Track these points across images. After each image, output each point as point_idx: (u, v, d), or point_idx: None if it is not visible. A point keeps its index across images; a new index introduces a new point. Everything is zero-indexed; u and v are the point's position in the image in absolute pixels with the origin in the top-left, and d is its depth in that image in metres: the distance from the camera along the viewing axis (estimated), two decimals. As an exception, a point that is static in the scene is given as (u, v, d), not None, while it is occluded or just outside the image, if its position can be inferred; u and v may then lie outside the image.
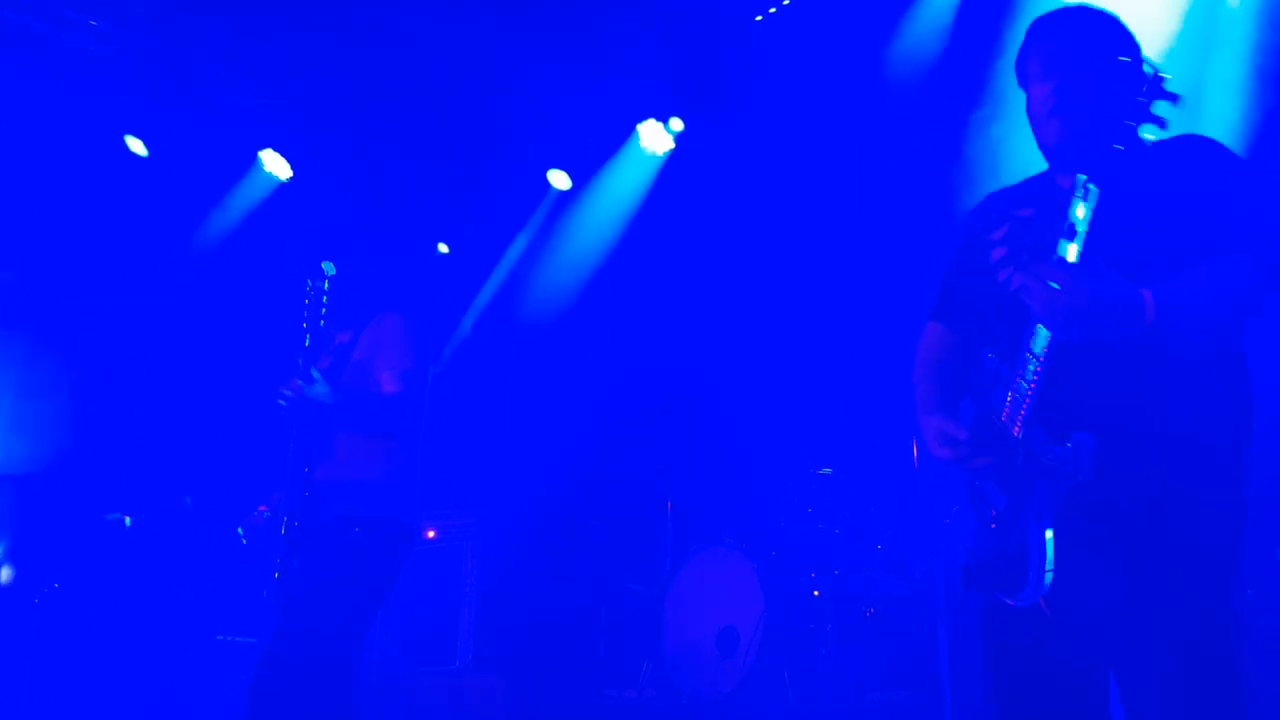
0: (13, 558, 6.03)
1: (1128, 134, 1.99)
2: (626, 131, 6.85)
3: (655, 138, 6.78)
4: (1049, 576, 2.02)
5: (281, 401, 3.47)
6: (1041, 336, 2.00)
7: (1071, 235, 1.94)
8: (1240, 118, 4.75)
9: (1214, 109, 4.84)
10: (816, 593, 5.50)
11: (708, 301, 6.83)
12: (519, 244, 7.32)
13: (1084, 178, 1.92)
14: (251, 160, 6.93)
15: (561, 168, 7.04)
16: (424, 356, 3.66)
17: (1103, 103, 2.20)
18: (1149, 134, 2.02)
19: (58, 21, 5.96)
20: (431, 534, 6.52)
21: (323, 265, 3.70)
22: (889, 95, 5.77)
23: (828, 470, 5.86)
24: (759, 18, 6.12)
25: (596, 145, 6.96)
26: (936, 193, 5.48)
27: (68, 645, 5.64)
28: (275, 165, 6.93)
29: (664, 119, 6.72)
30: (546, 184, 7.10)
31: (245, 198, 6.99)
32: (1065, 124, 2.24)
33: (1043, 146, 2.33)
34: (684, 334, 6.97)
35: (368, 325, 3.75)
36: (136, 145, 6.68)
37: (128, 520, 5.65)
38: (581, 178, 7.08)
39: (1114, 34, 2.29)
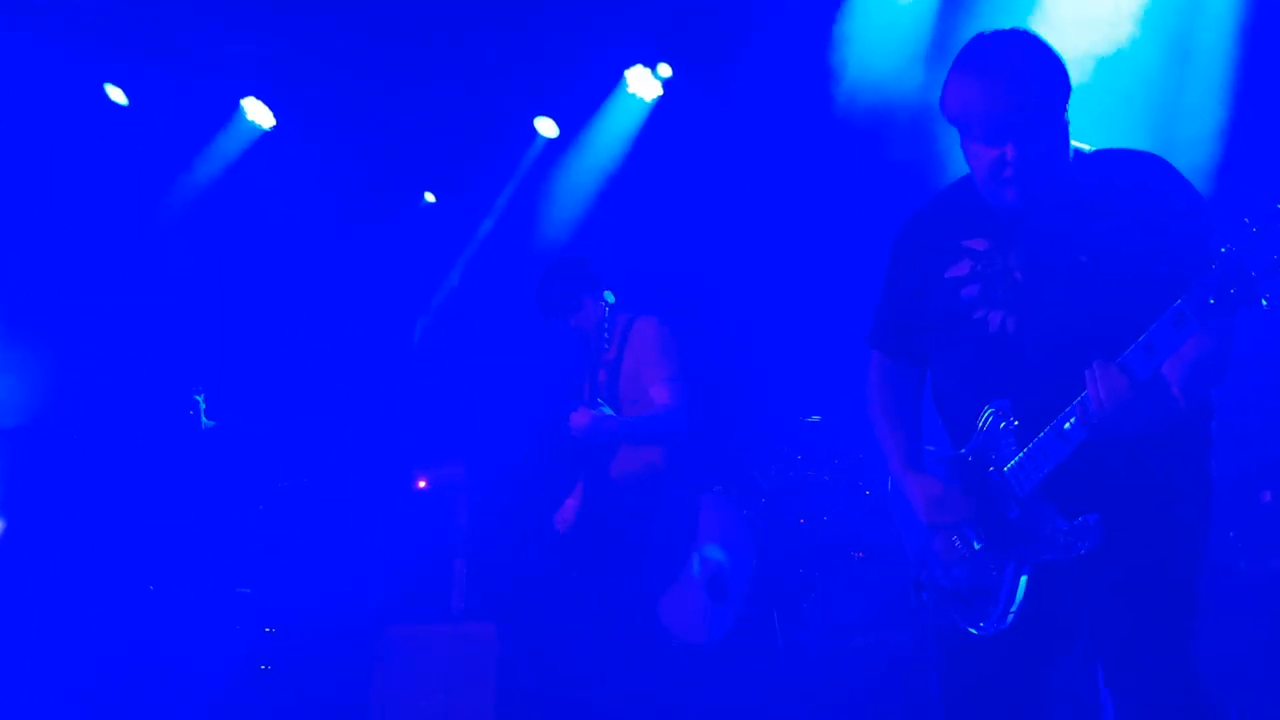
0: (4, 510, 6.05)
1: (1077, 158, 2.25)
2: (615, 78, 6.76)
3: (643, 84, 6.69)
4: (1011, 617, 2.14)
5: (575, 432, 3.89)
6: (1080, 425, 2.02)
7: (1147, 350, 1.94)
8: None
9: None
10: (806, 538, 5.55)
11: (696, 249, 6.78)
12: (507, 192, 7.26)
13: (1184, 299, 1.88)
14: (234, 109, 6.84)
15: (549, 115, 6.96)
16: (684, 357, 4.00)
17: (1053, 146, 2.21)
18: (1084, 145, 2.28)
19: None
20: (422, 484, 6.54)
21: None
22: (891, 41, 5.69)
23: (816, 418, 5.88)
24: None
25: (584, 92, 6.86)
26: (937, 142, 5.41)
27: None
28: (258, 114, 6.84)
29: (652, 65, 6.63)
30: (534, 131, 7.02)
31: (228, 147, 6.91)
32: (1023, 187, 2.21)
33: (990, 195, 2.28)
34: (672, 281, 6.94)
35: (628, 335, 4.08)
36: (116, 94, 6.58)
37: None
38: (570, 126, 7.00)
39: (1055, 71, 2.21)
